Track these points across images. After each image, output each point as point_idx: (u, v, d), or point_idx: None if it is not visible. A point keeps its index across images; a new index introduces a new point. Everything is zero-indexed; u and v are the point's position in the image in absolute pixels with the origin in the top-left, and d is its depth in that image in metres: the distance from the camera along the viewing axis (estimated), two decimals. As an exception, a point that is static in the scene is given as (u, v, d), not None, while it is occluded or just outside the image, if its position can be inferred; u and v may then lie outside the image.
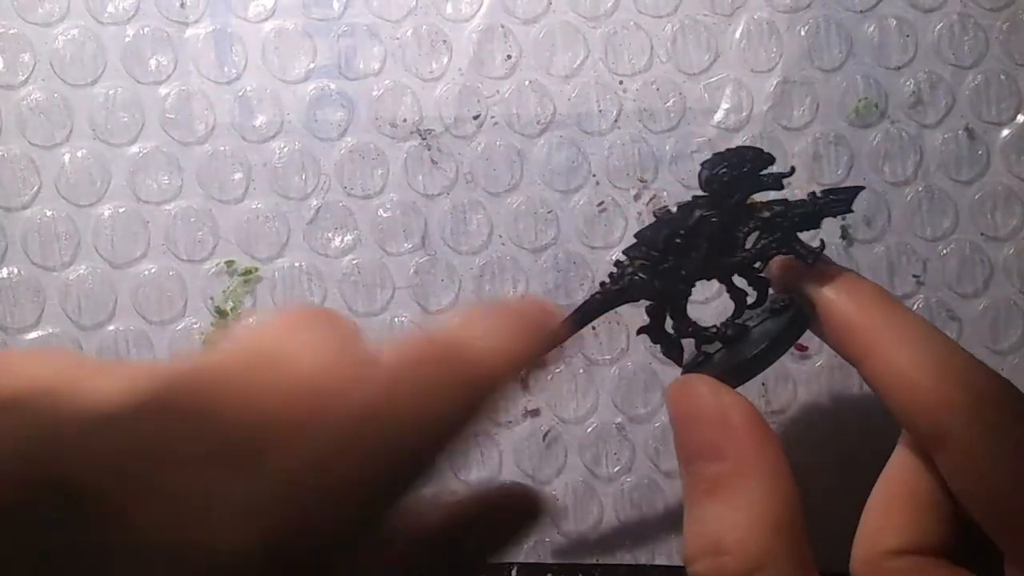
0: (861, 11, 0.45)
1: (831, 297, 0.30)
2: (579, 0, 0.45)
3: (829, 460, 0.44)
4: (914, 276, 0.44)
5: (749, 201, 0.30)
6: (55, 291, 0.43)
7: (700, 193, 0.31)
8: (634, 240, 0.31)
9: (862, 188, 0.31)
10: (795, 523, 0.26)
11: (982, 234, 0.45)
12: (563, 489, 0.44)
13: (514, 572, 0.44)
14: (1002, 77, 0.45)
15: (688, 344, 0.32)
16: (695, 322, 0.31)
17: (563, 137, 0.44)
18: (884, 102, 0.45)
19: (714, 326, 0.31)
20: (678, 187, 0.44)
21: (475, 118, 0.44)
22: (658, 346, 0.32)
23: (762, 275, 0.31)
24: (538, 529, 0.44)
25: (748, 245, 0.30)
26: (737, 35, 0.45)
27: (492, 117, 0.44)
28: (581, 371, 0.44)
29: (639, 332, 0.32)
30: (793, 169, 0.31)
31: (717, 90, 0.45)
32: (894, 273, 0.44)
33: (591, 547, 0.44)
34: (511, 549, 0.29)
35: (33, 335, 0.43)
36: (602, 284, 0.31)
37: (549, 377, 0.44)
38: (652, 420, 0.44)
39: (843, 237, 0.44)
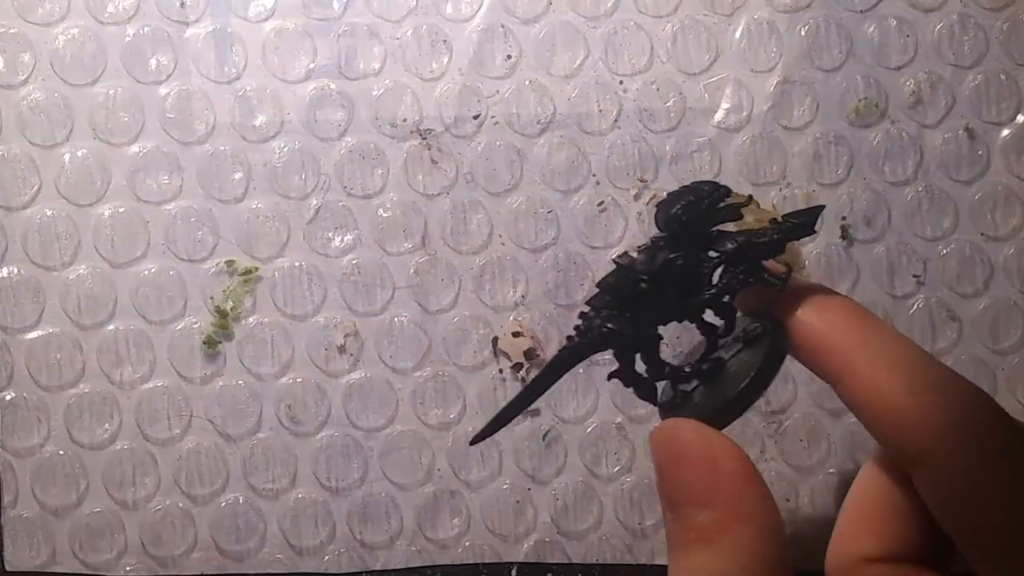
0: (861, 11, 0.45)
1: (802, 318, 0.29)
2: (579, 0, 0.45)
3: (829, 460, 0.44)
4: (914, 276, 0.44)
5: (711, 233, 0.30)
6: (55, 291, 0.43)
7: (659, 234, 0.30)
8: (596, 290, 0.30)
9: (822, 208, 0.30)
10: (784, 570, 0.26)
11: (982, 234, 0.45)
12: (563, 489, 0.44)
13: (514, 572, 0.44)
14: (1002, 77, 0.45)
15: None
16: (668, 363, 0.31)
17: (563, 137, 0.44)
18: (884, 102, 0.45)
19: (688, 364, 0.31)
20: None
21: (475, 118, 0.44)
22: (630, 389, 0.31)
23: (729, 303, 0.30)
24: (536, 529, 0.44)
25: (715, 279, 0.30)
26: (737, 35, 0.45)
27: (492, 117, 0.44)
28: (581, 371, 0.44)
29: (609, 377, 0.31)
30: (751, 197, 0.30)
31: (717, 90, 0.45)
32: (894, 273, 0.44)
33: (591, 547, 0.44)
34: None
35: (33, 335, 0.43)
36: (568, 338, 0.30)
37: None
38: (652, 420, 0.44)
39: (843, 237, 0.44)
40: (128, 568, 0.43)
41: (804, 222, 0.29)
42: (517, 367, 0.44)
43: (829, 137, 0.45)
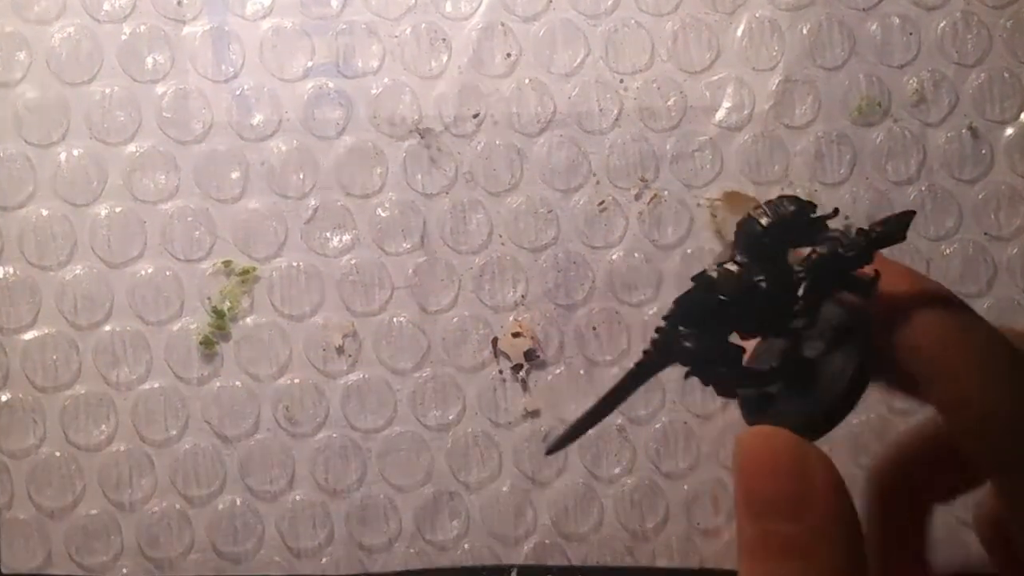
0: (864, 9, 0.45)
1: (887, 307, 0.27)
2: (579, -2, 0.44)
3: (832, 460, 0.44)
4: (917, 276, 0.44)
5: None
6: (51, 291, 0.43)
7: (734, 250, 0.29)
8: (673, 306, 0.29)
9: (913, 214, 0.29)
10: None
11: (986, 233, 0.44)
12: (563, 489, 0.43)
13: (514, 574, 0.43)
14: (1006, 75, 0.45)
15: None
16: (750, 369, 0.30)
17: (563, 136, 0.44)
18: (887, 100, 0.45)
19: (770, 367, 0.30)
20: (679, 186, 0.44)
21: (475, 117, 0.44)
22: (710, 387, 0.31)
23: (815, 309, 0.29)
24: (536, 531, 0.43)
25: (800, 291, 0.29)
26: (739, 33, 0.45)
27: (492, 116, 0.44)
28: (581, 371, 0.44)
29: (686, 376, 0.30)
30: (836, 211, 0.29)
31: (719, 88, 0.44)
32: (897, 273, 0.44)
33: (591, 549, 0.43)
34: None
35: (29, 335, 0.43)
36: (645, 352, 0.29)
37: (549, 378, 0.44)
38: (652, 421, 0.44)
39: (845, 237, 0.44)
40: (124, 570, 0.43)
41: (894, 231, 0.28)
42: (517, 367, 0.43)
43: (831, 136, 0.44)
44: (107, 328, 0.43)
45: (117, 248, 0.43)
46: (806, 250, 0.28)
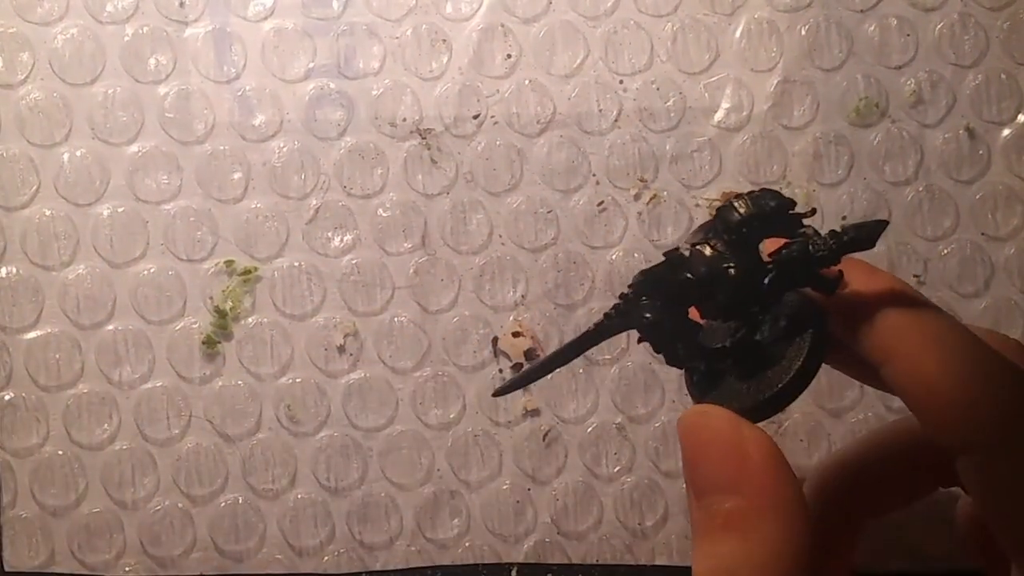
0: (862, 10, 0.45)
1: (848, 298, 0.28)
2: (579, -1, 0.45)
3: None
4: (915, 276, 0.44)
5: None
6: (54, 291, 0.43)
7: (710, 233, 0.29)
8: (639, 276, 0.29)
9: (886, 224, 0.30)
10: (811, 562, 0.26)
11: (983, 234, 0.45)
12: (563, 489, 0.44)
13: (514, 572, 0.43)
14: (1003, 76, 0.45)
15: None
16: (705, 346, 0.30)
17: (563, 137, 0.44)
18: (885, 101, 0.45)
19: (723, 345, 0.30)
20: (678, 186, 0.44)
21: (475, 117, 0.44)
22: (660, 355, 0.31)
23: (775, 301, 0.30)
24: (536, 529, 0.44)
25: (765, 281, 0.29)
26: (737, 34, 0.45)
27: (492, 116, 0.44)
28: (581, 371, 0.44)
29: (639, 341, 0.31)
30: (814, 210, 0.30)
31: (717, 89, 0.45)
32: (894, 272, 0.44)
33: (591, 547, 0.44)
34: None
35: (32, 335, 0.43)
36: (606, 315, 0.30)
37: (549, 377, 0.44)
38: (652, 420, 0.44)
39: (844, 237, 0.44)
40: (127, 568, 0.43)
41: (864, 237, 0.28)
42: (517, 367, 0.44)
43: (829, 137, 0.45)
44: (110, 327, 0.43)
45: (120, 248, 0.44)
46: (779, 253, 0.28)
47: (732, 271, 0.28)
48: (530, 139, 0.44)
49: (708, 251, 0.28)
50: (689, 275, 0.28)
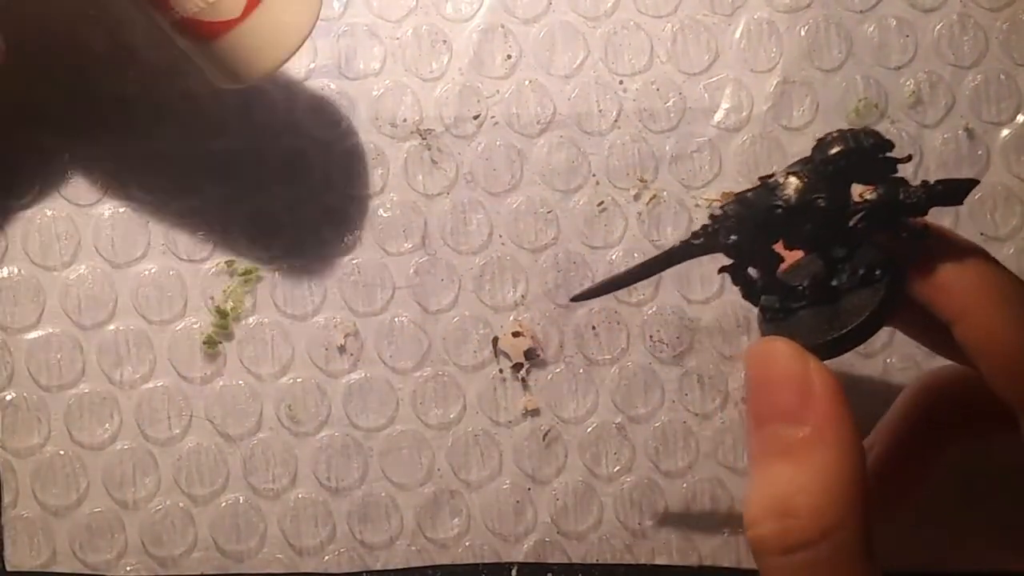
0: (861, 11, 0.45)
1: (926, 256, 0.29)
2: (579, 0, 0.45)
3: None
4: (914, 276, 0.44)
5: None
6: (55, 291, 0.43)
7: (808, 165, 0.29)
8: (733, 198, 0.30)
9: (976, 182, 0.30)
10: (865, 496, 0.26)
11: (982, 234, 0.45)
12: (563, 489, 0.44)
13: (514, 572, 0.44)
14: (1002, 77, 0.45)
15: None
16: (780, 279, 0.31)
17: (563, 137, 0.44)
18: (884, 102, 0.45)
19: (801, 285, 0.31)
20: (678, 187, 0.44)
21: (475, 118, 0.44)
22: (737, 288, 0.31)
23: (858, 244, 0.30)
24: (536, 529, 0.44)
25: (852, 223, 0.29)
26: (737, 35, 0.45)
27: (492, 117, 0.44)
28: (581, 371, 0.44)
29: (720, 271, 0.31)
30: (910, 156, 0.30)
31: (717, 90, 0.45)
32: (894, 273, 0.44)
33: (591, 547, 0.44)
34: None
35: (33, 335, 0.43)
36: (694, 234, 0.30)
37: (549, 377, 0.44)
38: (652, 420, 0.44)
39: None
40: (128, 568, 0.43)
41: (954, 191, 0.29)
42: (517, 367, 0.44)
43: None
44: (111, 327, 0.43)
45: (121, 248, 0.44)
46: (871, 194, 0.29)
47: (822, 203, 0.29)
48: (530, 139, 0.44)
49: (802, 181, 0.29)
50: (780, 202, 0.29)
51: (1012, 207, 0.45)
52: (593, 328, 0.44)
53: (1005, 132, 0.45)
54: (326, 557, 0.43)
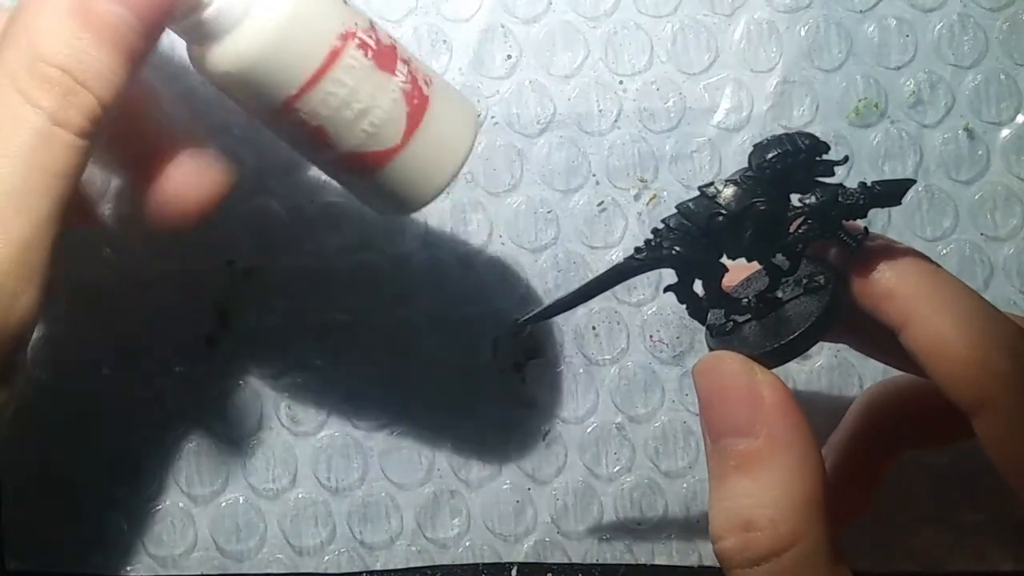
0: (861, 11, 0.45)
1: (869, 264, 0.29)
2: (579, 0, 0.45)
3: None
4: (914, 276, 0.44)
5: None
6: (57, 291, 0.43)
7: (747, 172, 0.30)
8: (675, 211, 0.30)
9: (913, 182, 0.31)
10: (823, 503, 0.26)
11: (982, 234, 0.45)
12: (563, 489, 0.44)
13: (514, 572, 0.44)
14: (1002, 77, 0.45)
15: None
16: (727, 293, 0.31)
17: (563, 137, 0.44)
18: (884, 102, 0.45)
19: (746, 298, 0.31)
20: (678, 187, 0.44)
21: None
22: (683, 307, 0.32)
23: (800, 251, 0.31)
24: (536, 529, 0.44)
25: (792, 228, 0.30)
26: (737, 35, 0.45)
27: (492, 117, 0.44)
28: (581, 371, 0.44)
29: (666, 290, 0.32)
30: (847, 157, 0.30)
31: (717, 90, 0.45)
32: (894, 273, 0.44)
33: (591, 547, 0.44)
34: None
35: (33, 336, 0.43)
36: (637, 249, 0.31)
37: (549, 377, 0.44)
38: (652, 420, 0.44)
39: (843, 237, 0.44)
40: (128, 568, 0.43)
41: (892, 192, 0.30)
42: (517, 367, 0.44)
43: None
44: (111, 327, 0.43)
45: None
46: (809, 198, 0.29)
47: (762, 206, 0.29)
48: (530, 139, 0.44)
49: (741, 187, 0.29)
50: (721, 209, 0.29)
51: (1012, 207, 0.45)
52: (593, 328, 0.44)
53: (1005, 132, 0.45)
54: (326, 557, 0.43)
